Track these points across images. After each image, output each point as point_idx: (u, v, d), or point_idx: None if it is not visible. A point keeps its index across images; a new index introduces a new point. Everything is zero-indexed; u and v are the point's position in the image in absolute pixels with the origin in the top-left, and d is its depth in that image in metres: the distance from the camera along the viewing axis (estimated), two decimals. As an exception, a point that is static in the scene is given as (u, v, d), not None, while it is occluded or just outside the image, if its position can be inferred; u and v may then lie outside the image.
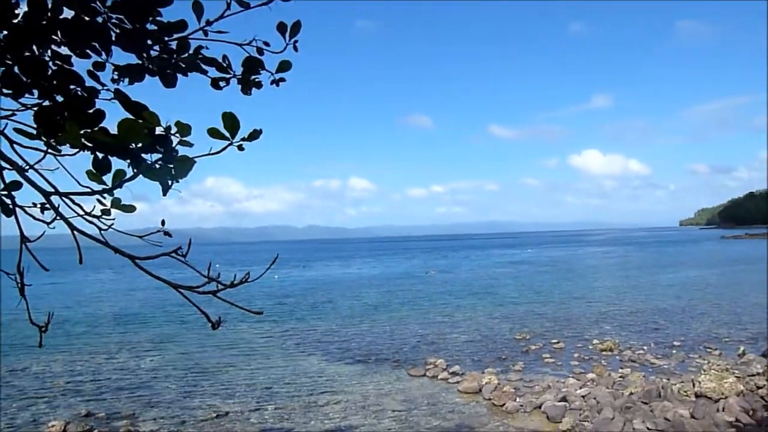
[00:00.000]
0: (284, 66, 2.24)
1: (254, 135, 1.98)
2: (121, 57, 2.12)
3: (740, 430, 8.83)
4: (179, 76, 2.21)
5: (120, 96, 1.94)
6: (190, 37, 2.11)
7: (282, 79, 2.29)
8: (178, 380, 14.77)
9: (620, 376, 13.41)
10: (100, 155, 1.87)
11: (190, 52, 2.15)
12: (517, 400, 11.75)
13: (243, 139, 1.94)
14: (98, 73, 2.10)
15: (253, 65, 2.23)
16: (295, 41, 2.20)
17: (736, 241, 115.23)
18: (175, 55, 2.16)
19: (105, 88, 2.09)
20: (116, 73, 2.15)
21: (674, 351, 16.52)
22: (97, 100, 2.04)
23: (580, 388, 12.16)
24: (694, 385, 11.25)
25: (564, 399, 11.32)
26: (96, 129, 1.85)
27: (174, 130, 1.90)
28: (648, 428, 9.33)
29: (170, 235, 2.08)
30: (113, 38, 2.05)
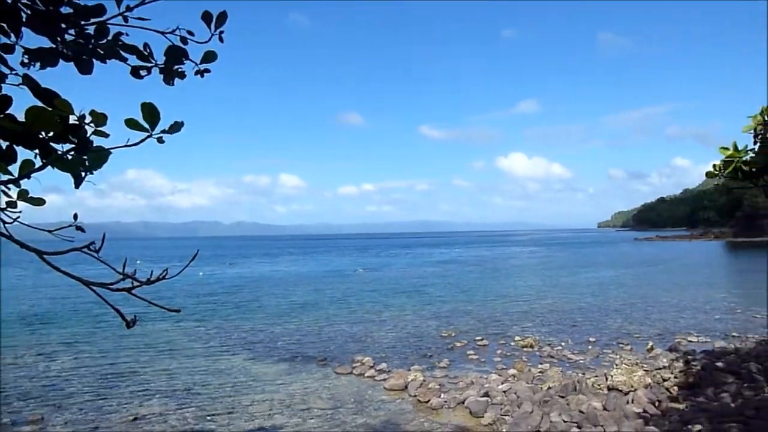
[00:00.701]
0: (209, 57, 2.19)
1: (175, 127, 1.92)
2: (33, 40, 2.01)
3: (647, 420, 9.39)
4: (97, 63, 2.11)
5: (29, 82, 1.84)
6: (109, 22, 2.02)
7: (207, 70, 2.23)
8: (91, 382, 14.07)
9: (540, 372, 13.95)
10: (4, 144, 1.76)
11: (109, 38, 2.06)
12: (442, 396, 11.99)
13: (163, 132, 1.89)
14: (6, 56, 1.98)
15: (176, 55, 2.17)
16: (221, 32, 2.16)
17: (648, 243, 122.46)
18: (92, 41, 2.06)
19: (13, 72, 1.97)
20: (26, 56, 2.03)
21: (590, 347, 17.36)
22: (3, 85, 1.93)
23: (502, 383, 12.56)
24: (606, 379, 11.89)
25: (486, 394, 11.66)
26: (1, 116, 1.75)
27: (89, 119, 1.81)
28: (564, 420, 9.75)
29: (83, 230, 1.98)
30: (24, 20, 1.94)
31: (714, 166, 4.47)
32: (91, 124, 1.79)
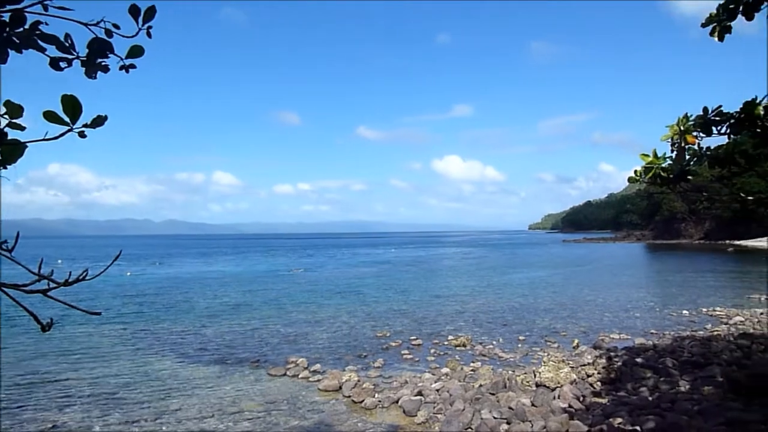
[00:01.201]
0: (135, 51, 2.12)
1: (98, 121, 1.84)
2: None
3: (572, 414, 9.78)
4: (12, 53, 2.00)
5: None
6: (27, 10, 1.92)
7: (132, 66, 2.16)
8: (5, 390, 13.24)
9: (472, 370, 14.26)
10: None
11: (26, 26, 1.95)
12: (376, 396, 12.04)
13: (85, 126, 1.81)
14: None
15: (99, 47, 2.08)
16: (149, 27, 2.09)
17: (575, 244, 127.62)
18: (7, 29, 1.95)
19: None
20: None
21: (519, 345, 17.89)
22: None
23: (435, 382, 12.75)
24: (535, 376, 12.29)
25: (420, 393, 11.81)
26: None
27: (3, 111, 1.72)
28: (494, 417, 10.00)
29: (-6, 228, 1.87)
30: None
31: (635, 171, 4.72)
32: (5, 116, 1.70)
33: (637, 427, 8.34)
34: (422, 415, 10.68)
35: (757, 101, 4.26)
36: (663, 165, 4.42)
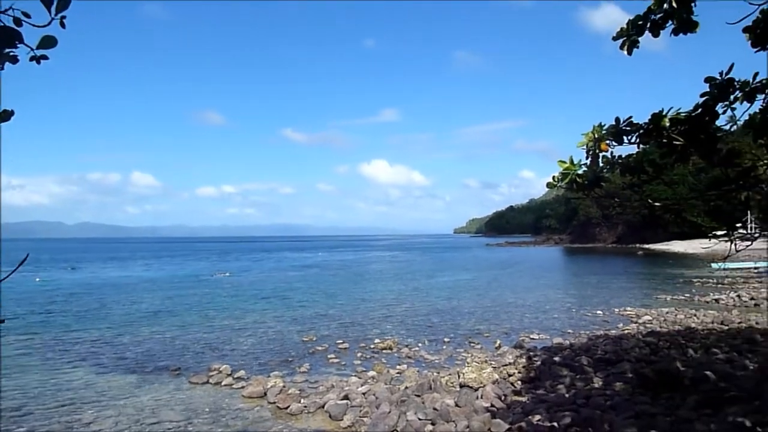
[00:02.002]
0: (47, 42, 1.98)
1: (3, 116, 1.71)
2: None
3: (494, 413, 10.05)
4: None
5: None
6: None
7: (44, 57, 2.02)
8: None
9: (398, 372, 14.37)
10: None
11: None
12: (302, 401, 11.90)
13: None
14: None
15: (7, 36, 1.94)
16: (63, 17, 1.96)
17: (498, 248, 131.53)
18: None
19: None
20: None
21: (444, 347, 18.22)
22: None
23: (362, 385, 12.75)
24: (459, 377, 12.55)
25: (346, 397, 11.77)
26: None
27: None
28: (419, 419, 10.11)
29: None
30: None
31: (553, 177, 4.90)
32: None
33: (555, 424, 8.68)
34: (348, 419, 10.65)
35: (663, 113, 4.53)
36: (578, 171, 4.62)
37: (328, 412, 11.10)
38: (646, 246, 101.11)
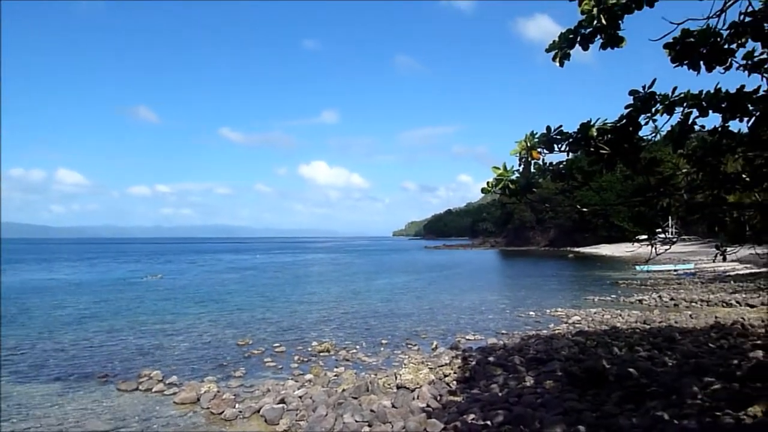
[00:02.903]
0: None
1: None
2: None
3: (429, 414, 10.19)
4: None
5: None
6: None
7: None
8: None
9: (335, 375, 14.34)
10: None
11: None
12: (237, 406, 11.67)
13: None
14: None
15: None
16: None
17: (436, 251, 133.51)
18: None
19: None
20: None
21: (382, 348, 18.32)
22: None
23: (299, 389, 12.65)
24: (396, 378, 12.65)
25: (282, 401, 11.64)
26: None
27: None
28: (356, 421, 10.13)
29: None
30: None
31: (488, 183, 5.04)
32: None
33: (488, 422, 8.89)
34: (284, 423, 10.54)
35: (591, 123, 4.76)
36: (511, 178, 4.77)
37: (264, 417, 10.94)
38: (577, 249, 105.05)
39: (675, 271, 46.67)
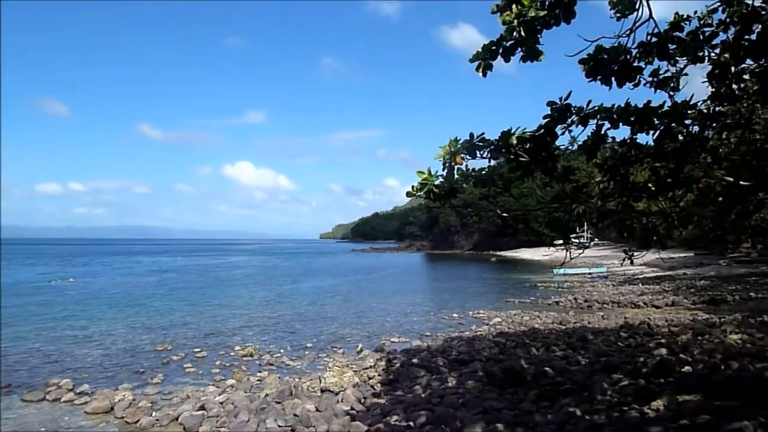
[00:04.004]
0: None
1: None
2: None
3: (353, 416, 10.21)
4: None
5: None
6: None
7: None
8: None
9: (258, 380, 14.07)
10: None
11: None
12: (153, 414, 11.22)
13: None
14: None
15: None
16: None
17: (363, 254, 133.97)
18: None
19: None
20: None
21: (307, 352, 18.15)
22: None
23: (220, 394, 12.32)
24: (320, 382, 12.59)
25: (202, 407, 11.30)
26: None
27: None
28: (279, 425, 9.99)
29: None
30: None
31: (412, 187, 5.12)
32: None
33: (411, 423, 9.01)
34: (204, 430, 10.24)
35: (512, 132, 4.94)
36: (435, 182, 4.87)
37: (183, 425, 10.58)
38: (499, 253, 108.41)
39: (589, 274, 49.09)
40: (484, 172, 5.25)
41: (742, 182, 5.90)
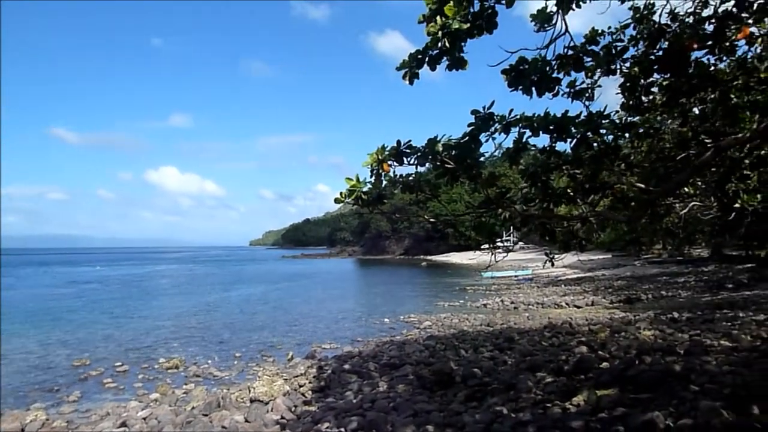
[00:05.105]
0: None
1: None
2: None
3: (283, 425, 10.06)
4: None
5: None
6: None
7: None
8: None
9: (184, 392, 13.62)
10: None
11: None
12: (70, 433, 10.62)
13: None
14: None
15: None
16: None
17: (294, 260, 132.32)
18: None
19: None
20: None
21: (236, 362, 17.74)
22: None
23: (142, 409, 11.82)
24: (249, 392, 12.32)
25: (124, 424, 10.80)
26: None
27: None
28: (206, 439, 9.70)
29: None
30: None
31: (341, 193, 5.14)
32: None
33: (342, 429, 8.97)
34: (126, 448, 9.79)
35: (438, 139, 5.04)
36: (364, 189, 4.90)
37: (103, 443, 10.08)
38: (430, 257, 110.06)
39: (515, 276, 50.67)
40: (411, 179, 5.33)
41: (651, 188, 6.28)
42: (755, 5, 6.02)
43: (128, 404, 12.56)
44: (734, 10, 6.11)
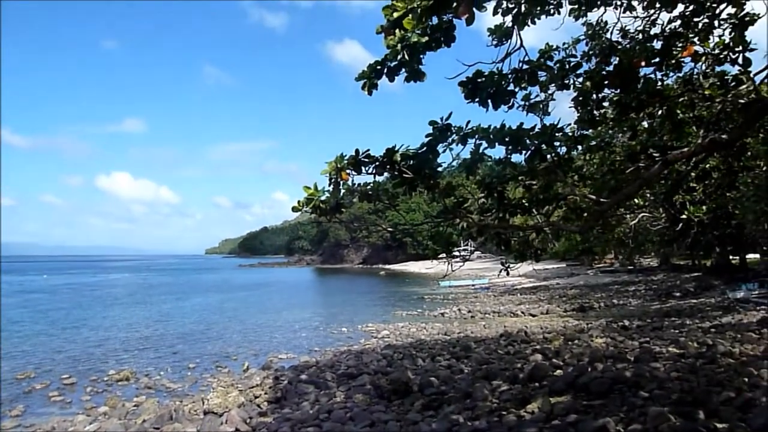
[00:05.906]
0: None
1: None
2: None
3: (237, 438, 9.88)
4: None
5: None
6: None
7: None
8: None
9: (135, 405, 13.21)
10: None
11: None
12: (12, 450, 10.16)
13: None
14: None
15: None
16: None
17: (251, 269, 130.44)
18: None
19: None
20: None
21: (189, 373, 17.32)
22: None
23: (90, 423, 11.42)
24: (203, 404, 12.04)
25: (70, 439, 10.40)
26: None
27: None
28: (158, 453, 9.43)
29: None
30: None
31: (299, 202, 5.11)
32: None
33: (298, 441, 8.88)
34: (72, 464, 9.42)
35: (396, 149, 5.08)
36: (322, 197, 4.89)
37: (47, 459, 9.67)
38: (388, 266, 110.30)
39: (473, 285, 51.26)
40: (369, 188, 5.35)
41: (603, 199, 6.48)
42: (700, 24, 6.31)
43: (75, 418, 12.10)
44: (681, 29, 6.40)
